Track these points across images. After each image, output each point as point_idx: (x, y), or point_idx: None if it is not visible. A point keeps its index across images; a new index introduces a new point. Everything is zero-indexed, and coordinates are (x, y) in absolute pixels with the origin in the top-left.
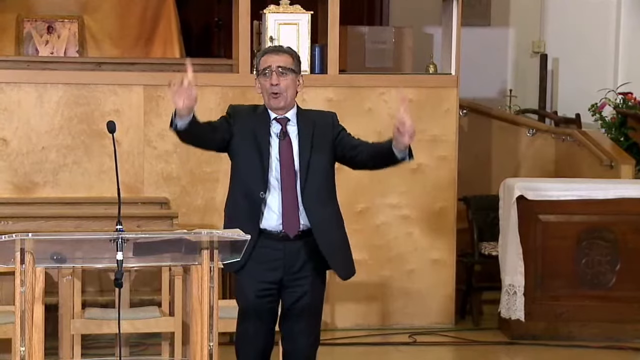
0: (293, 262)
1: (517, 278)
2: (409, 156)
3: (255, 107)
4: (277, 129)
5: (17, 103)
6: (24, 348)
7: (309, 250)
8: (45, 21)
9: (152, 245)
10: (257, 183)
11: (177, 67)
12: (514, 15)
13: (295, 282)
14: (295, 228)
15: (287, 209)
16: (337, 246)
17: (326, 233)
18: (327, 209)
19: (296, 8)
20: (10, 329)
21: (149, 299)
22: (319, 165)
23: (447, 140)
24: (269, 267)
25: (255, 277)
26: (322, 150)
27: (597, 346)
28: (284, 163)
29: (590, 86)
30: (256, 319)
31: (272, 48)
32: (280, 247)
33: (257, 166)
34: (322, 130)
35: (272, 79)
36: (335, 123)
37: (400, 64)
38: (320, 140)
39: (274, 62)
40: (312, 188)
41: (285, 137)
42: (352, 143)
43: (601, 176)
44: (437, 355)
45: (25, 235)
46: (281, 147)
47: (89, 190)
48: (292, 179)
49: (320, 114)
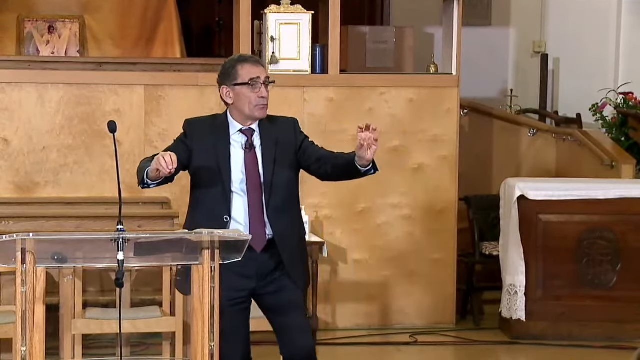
0: (265, 269)
1: (518, 278)
2: (373, 169)
3: (214, 118)
4: (242, 140)
5: (18, 103)
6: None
7: (280, 258)
8: (46, 21)
9: (153, 245)
10: (221, 206)
11: (178, 67)
12: (514, 15)
13: (269, 286)
14: (262, 242)
15: (254, 223)
16: (297, 256)
17: (288, 242)
18: (289, 218)
19: (297, 8)
20: (11, 329)
21: (150, 299)
22: (282, 175)
23: (448, 140)
24: (241, 275)
25: (230, 285)
26: (286, 160)
27: (598, 346)
28: (249, 175)
29: (591, 86)
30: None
31: (249, 57)
32: (253, 257)
33: (219, 188)
34: (285, 139)
35: (262, 91)
36: (297, 131)
37: (401, 64)
38: (283, 150)
39: (262, 73)
40: (276, 199)
41: (251, 149)
42: (316, 154)
43: (602, 176)
44: (438, 355)
45: (26, 235)
46: (247, 159)
47: (90, 190)
48: (258, 191)
49: (282, 121)
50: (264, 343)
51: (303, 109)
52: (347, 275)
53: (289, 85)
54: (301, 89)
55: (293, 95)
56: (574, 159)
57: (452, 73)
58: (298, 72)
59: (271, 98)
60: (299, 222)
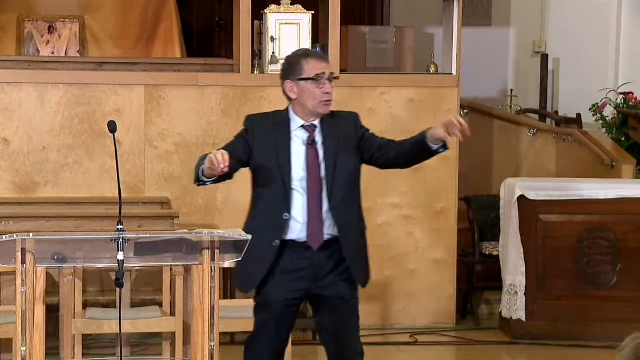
0: (321, 271)
1: (518, 278)
2: (444, 147)
3: (275, 114)
4: (303, 136)
5: (18, 103)
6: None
7: (337, 259)
8: (46, 21)
9: (153, 245)
10: (281, 204)
11: (178, 67)
12: (514, 15)
13: (325, 290)
14: (319, 241)
15: (312, 221)
16: (359, 252)
17: (350, 238)
18: (352, 214)
19: (297, 8)
20: (11, 329)
21: (150, 299)
22: (345, 170)
23: None
24: (297, 276)
25: (283, 287)
26: (348, 156)
27: (599, 346)
28: (311, 172)
29: (591, 86)
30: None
31: (314, 52)
32: (307, 257)
33: (279, 185)
34: (347, 134)
35: (326, 87)
36: (358, 124)
37: (401, 63)
38: (346, 145)
39: (327, 69)
40: (338, 196)
41: (313, 145)
42: (378, 143)
43: (602, 176)
44: (438, 355)
45: (26, 235)
46: (309, 155)
47: (90, 190)
48: (318, 188)
49: (343, 116)
50: None
51: None
52: None
53: None
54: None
55: None
56: (574, 159)
57: (452, 73)
58: None
59: (271, 98)
60: (360, 218)
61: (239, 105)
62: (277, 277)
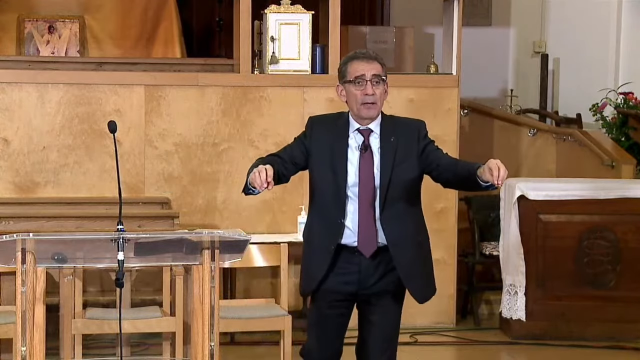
0: (369, 277)
1: (518, 278)
2: (491, 186)
3: (338, 117)
4: (358, 140)
5: (18, 103)
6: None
7: (386, 267)
8: (47, 21)
9: (153, 245)
10: (336, 209)
11: (178, 67)
12: (514, 16)
13: (372, 298)
14: (372, 248)
15: (364, 228)
16: (415, 266)
17: (404, 252)
18: (407, 226)
19: (297, 8)
20: (11, 329)
21: (150, 299)
22: (401, 181)
23: (448, 140)
24: (344, 279)
25: (330, 288)
26: (406, 165)
27: (599, 346)
28: (362, 178)
29: (591, 86)
30: (324, 332)
31: (361, 54)
32: (356, 262)
33: (334, 190)
34: (407, 142)
35: (367, 88)
36: (421, 135)
37: (401, 63)
38: (404, 154)
39: (368, 70)
40: (391, 205)
41: (366, 151)
42: (438, 161)
43: (602, 176)
44: (439, 355)
45: (26, 235)
46: (361, 161)
47: (90, 190)
48: (370, 195)
49: (406, 124)
50: (264, 343)
51: (303, 109)
52: None
53: (289, 85)
54: (301, 89)
55: (293, 95)
56: (574, 159)
57: (452, 73)
58: (298, 72)
59: (271, 98)
60: (419, 229)
61: (239, 105)
62: (330, 281)
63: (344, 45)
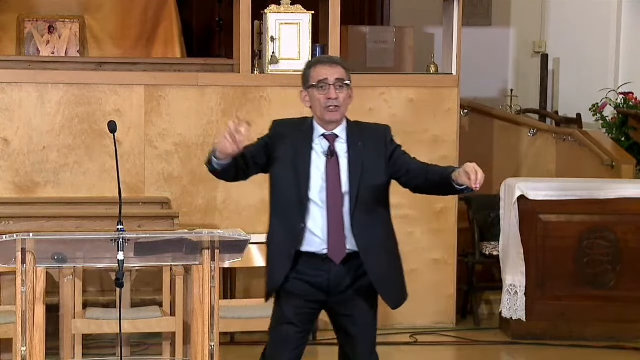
0: (339, 284)
1: (518, 278)
2: (467, 189)
3: (302, 122)
4: (324, 146)
5: (18, 103)
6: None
7: (356, 273)
8: (47, 21)
9: (153, 245)
10: (297, 214)
11: (178, 67)
12: (515, 15)
13: (342, 306)
14: (341, 254)
15: (333, 234)
16: (387, 272)
17: (375, 258)
18: (377, 232)
19: (297, 8)
20: (11, 329)
21: (150, 299)
22: (370, 186)
23: (448, 140)
24: (312, 287)
25: (298, 294)
26: (375, 171)
27: (599, 346)
28: (330, 185)
29: (591, 86)
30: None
31: (325, 59)
32: (325, 269)
33: (296, 195)
34: (374, 148)
35: (330, 92)
36: (388, 140)
37: (401, 64)
38: (372, 159)
39: (331, 74)
40: (362, 211)
41: (333, 156)
42: (408, 166)
43: (602, 176)
44: (439, 355)
45: (26, 235)
46: (328, 167)
47: (90, 190)
48: (338, 201)
49: (372, 128)
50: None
51: (303, 109)
52: None
53: (289, 85)
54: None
55: (293, 95)
56: (574, 159)
57: (452, 73)
58: (298, 72)
59: (271, 98)
60: (389, 235)
61: (239, 105)
62: (293, 285)
63: (344, 45)
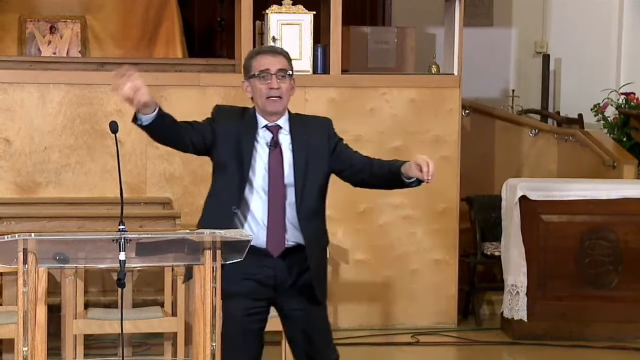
0: (285, 278)
1: (520, 278)
2: (417, 181)
3: (243, 111)
4: (267, 137)
5: (19, 103)
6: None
7: (300, 268)
8: (48, 21)
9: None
10: (231, 196)
11: (179, 67)
12: (516, 16)
13: (292, 301)
14: (280, 248)
15: (273, 226)
16: (321, 267)
17: (315, 252)
18: (318, 226)
19: (298, 8)
20: (12, 329)
21: (151, 299)
22: (314, 179)
23: (449, 141)
24: (258, 283)
25: (245, 294)
26: (318, 163)
27: (600, 346)
28: (272, 175)
29: (592, 86)
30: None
31: (266, 49)
32: (270, 264)
33: (234, 178)
34: (318, 140)
35: (272, 82)
36: (331, 133)
37: (403, 64)
38: (316, 152)
39: (273, 64)
40: (306, 203)
41: (276, 147)
42: (351, 160)
43: (603, 176)
44: (440, 355)
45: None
46: (271, 157)
47: (92, 190)
48: (280, 193)
49: (315, 121)
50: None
51: (304, 110)
52: (349, 276)
53: None
54: (302, 89)
55: (294, 96)
56: (576, 159)
57: (454, 73)
58: (299, 73)
59: None
60: (324, 232)
61: (241, 105)
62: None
63: (345, 45)
